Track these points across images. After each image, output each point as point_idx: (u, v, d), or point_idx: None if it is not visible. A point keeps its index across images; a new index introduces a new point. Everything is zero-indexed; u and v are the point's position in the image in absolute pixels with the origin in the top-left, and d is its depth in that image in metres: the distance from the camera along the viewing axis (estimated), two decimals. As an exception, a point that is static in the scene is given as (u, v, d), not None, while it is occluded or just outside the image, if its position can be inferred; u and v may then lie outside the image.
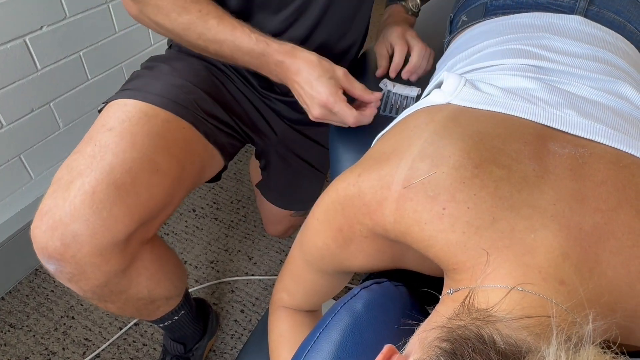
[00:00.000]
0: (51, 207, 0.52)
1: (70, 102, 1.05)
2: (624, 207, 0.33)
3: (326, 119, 0.61)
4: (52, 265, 0.53)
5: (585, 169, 0.35)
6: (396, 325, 0.39)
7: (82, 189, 0.51)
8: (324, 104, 0.58)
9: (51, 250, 0.51)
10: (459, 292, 0.34)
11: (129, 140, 0.55)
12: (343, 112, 0.58)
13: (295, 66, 0.58)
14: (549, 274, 0.31)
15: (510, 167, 0.35)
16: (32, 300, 1.04)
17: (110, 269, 0.55)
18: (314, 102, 0.58)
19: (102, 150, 0.54)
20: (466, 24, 0.67)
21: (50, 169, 1.08)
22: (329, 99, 0.57)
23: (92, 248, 0.52)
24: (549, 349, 0.21)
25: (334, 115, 0.59)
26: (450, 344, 0.26)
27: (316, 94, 0.58)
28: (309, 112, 0.61)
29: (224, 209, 1.30)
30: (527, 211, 0.33)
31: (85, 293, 0.57)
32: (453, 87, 0.44)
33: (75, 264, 0.52)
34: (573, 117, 0.40)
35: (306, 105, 0.60)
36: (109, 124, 0.57)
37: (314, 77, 0.57)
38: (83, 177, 0.52)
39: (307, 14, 0.67)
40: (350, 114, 0.58)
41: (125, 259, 0.56)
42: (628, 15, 0.60)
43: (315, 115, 0.60)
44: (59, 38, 0.95)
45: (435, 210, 0.35)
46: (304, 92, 0.59)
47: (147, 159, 0.56)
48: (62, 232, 0.51)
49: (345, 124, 0.61)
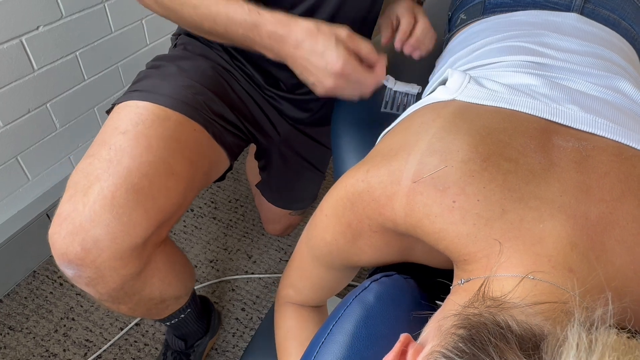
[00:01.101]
0: (70, 213, 0.52)
1: (66, 103, 1.04)
2: (627, 197, 0.34)
3: (338, 90, 0.55)
4: (71, 271, 0.53)
5: (589, 161, 0.37)
6: (407, 317, 0.40)
7: (102, 194, 0.52)
8: (341, 72, 0.53)
9: (72, 255, 0.52)
10: (470, 282, 0.35)
11: (144, 144, 0.56)
12: (364, 78, 0.54)
13: (292, 38, 0.53)
14: (558, 263, 0.32)
15: (517, 161, 0.36)
16: (31, 302, 1.03)
17: (127, 272, 0.55)
18: (326, 73, 0.53)
19: (118, 154, 0.54)
20: (465, 22, 0.69)
21: (47, 170, 1.07)
22: (346, 67, 0.52)
23: (112, 253, 0.52)
24: (570, 329, 0.22)
25: (350, 84, 0.55)
26: (467, 331, 0.27)
27: (329, 63, 0.52)
28: (319, 85, 0.55)
29: (222, 208, 1.30)
30: (535, 203, 0.34)
31: (101, 296, 0.57)
32: (458, 84, 0.45)
33: (95, 269, 0.53)
34: (575, 111, 0.41)
35: (316, 78, 0.55)
36: (122, 127, 0.57)
37: (320, 46, 0.53)
38: (101, 181, 0.52)
39: (320, 11, 0.67)
40: (371, 76, 0.54)
41: (142, 261, 0.57)
42: (622, 12, 0.61)
43: (328, 86, 0.54)
44: (55, 38, 0.95)
45: (446, 203, 0.36)
46: (310, 64, 0.54)
47: (162, 162, 0.56)
48: (82, 238, 0.51)
49: (363, 92, 0.56)
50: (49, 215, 1.08)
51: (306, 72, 0.56)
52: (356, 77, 0.54)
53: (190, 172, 0.61)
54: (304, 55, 0.54)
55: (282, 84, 0.77)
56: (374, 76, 0.55)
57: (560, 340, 0.22)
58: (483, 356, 0.24)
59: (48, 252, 1.11)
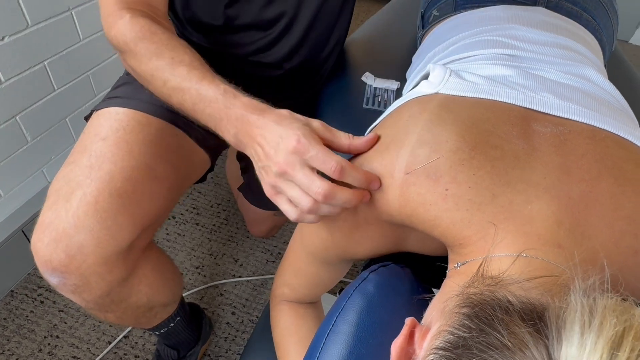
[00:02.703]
0: (53, 220, 0.51)
1: (37, 115, 1.01)
2: (604, 176, 0.37)
3: (291, 174, 0.41)
4: (55, 278, 0.52)
5: (567, 144, 0.39)
6: (407, 303, 0.42)
7: (85, 200, 0.51)
8: (294, 148, 0.40)
9: (56, 263, 0.51)
10: (467, 265, 0.37)
11: (125, 149, 0.55)
12: (323, 154, 0.40)
13: (260, 122, 0.44)
14: (547, 240, 0.34)
15: (503, 147, 0.39)
16: (11, 323, 0.99)
17: (113, 278, 0.54)
18: (278, 150, 0.41)
19: (99, 159, 0.54)
20: (438, 19, 0.71)
21: (20, 185, 1.03)
22: (301, 140, 0.40)
23: (97, 258, 0.51)
24: (572, 296, 0.24)
25: (302, 174, 0.40)
26: (471, 309, 0.29)
27: (283, 138, 0.41)
28: (267, 171, 0.43)
29: (204, 213, 1.29)
30: (521, 186, 0.37)
31: (87, 304, 0.56)
32: (440, 78, 0.47)
33: (80, 275, 0.52)
34: (550, 99, 0.44)
35: (268, 159, 0.42)
36: (102, 133, 0.56)
37: (283, 125, 0.42)
38: (83, 187, 0.52)
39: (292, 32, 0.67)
40: (334, 158, 0.40)
41: (128, 267, 0.56)
42: (583, 5, 0.65)
43: (277, 165, 0.41)
44: (21, 48, 0.92)
45: (439, 191, 0.38)
46: (265, 142, 0.43)
47: (145, 166, 0.56)
48: (66, 244, 0.50)
49: (315, 184, 0.40)
50: (24, 231, 1.05)
51: (257, 153, 0.44)
52: (314, 154, 0.40)
53: (173, 176, 0.61)
54: (262, 134, 0.43)
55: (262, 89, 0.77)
56: (342, 160, 0.40)
57: (563, 307, 0.24)
58: (490, 329, 0.26)
59: (26, 270, 1.08)
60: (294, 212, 0.42)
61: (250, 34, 0.69)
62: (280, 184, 0.42)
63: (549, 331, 0.23)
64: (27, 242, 1.06)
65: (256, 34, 0.69)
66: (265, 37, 0.69)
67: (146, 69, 0.52)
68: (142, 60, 0.52)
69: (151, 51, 0.51)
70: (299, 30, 0.69)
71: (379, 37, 0.88)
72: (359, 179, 0.41)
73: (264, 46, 0.70)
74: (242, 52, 0.71)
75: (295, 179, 0.41)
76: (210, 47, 0.71)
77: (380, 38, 0.87)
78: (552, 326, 0.23)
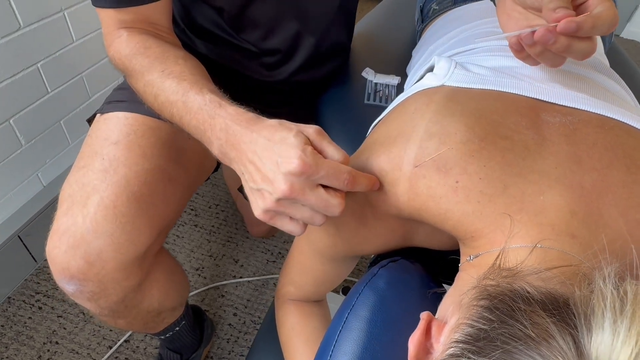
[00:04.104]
0: (69, 226, 0.50)
1: (31, 118, 0.99)
2: (615, 164, 0.37)
3: (302, 199, 0.37)
4: (72, 286, 0.51)
5: (576, 134, 0.39)
6: (419, 298, 0.41)
7: (102, 204, 0.50)
8: (300, 171, 0.36)
9: (74, 270, 0.50)
10: (479, 258, 0.36)
11: (138, 152, 0.54)
12: (334, 170, 0.38)
13: (249, 136, 0.40)
14: (561, 230, 0.34)
15: (512, 138, 0.38)
16: (9, 330, 0.97)
17: (129, 284, 0.54)
18: (278, 173, 0.37)
19: (113, 163, 0.53)
20: (437, 12, 0.71)
21: (15, 189, 1.01)
22: (306, 161, 0.36)
23: (116, 264, 0.51)
24: (600, 283, 0.24)
25: (311, 193, 0.37)
26: (489, 301, 0.28)
27: (284, 160, 0.37)
28: (264, 195, 0.38)
29: (202, 214, 1.27)
30: (533, 176, 0.36)
31: (102, 310, 0.56)
32: (445, 70, 0.47)
33: (98, 282, 0.51)
34: (557, 88, 0.43)
35: (264, 182, 0.38)
36: (112, 138, 0.55)
37: (277, 136, 0.38)
38: (100, 191, 0.51)
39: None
40: (343, 170, 0.38)
41: (143, 272, 0.56)
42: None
43: (281, 191, 0.37)
44: (14, 50, 0.90)
45: (449, 184, 0.37)
46: (260, 162, 0.38)
47: (159, 169, 0.55)
48: (85, 250, 0.49)
49: (330, 210, 0.38)
50: (20, 236, 1.03)
51: (249, 172, 0.40)
52: (324, 173, 0.37)
53: (184, 178, 0.60)
54: (254, 149, 0.39)
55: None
56: (353, 171, 0.38)
57: (591, 296, 0.23)
58: (512, 321, 0.25)
59: (22, 276, 1.06)
60: (299, 229, 0.40)
61: (253, 58, 0.68)
62: (281, 208, 0.38)
63: (576, 320, 0.23)
64: (23, 247, 1.04)
65: (258, 60, 0.68)
66: (267, 61, 0.68)
67: (139, 86, 0.50)
68: (137, 76, 0.50)
69: (144, 66, 0.49)
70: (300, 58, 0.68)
71: (378, 33, 0.87)
72: (366, 184, 0.40)
73: (267, 66, 0.69)
74: (247, 72, 0.70)
75: (307, 202, 0.38)
76: (216, 59, 0.70)
77: (379, 33, 0.87)
78: (580, 315, 0.23)
